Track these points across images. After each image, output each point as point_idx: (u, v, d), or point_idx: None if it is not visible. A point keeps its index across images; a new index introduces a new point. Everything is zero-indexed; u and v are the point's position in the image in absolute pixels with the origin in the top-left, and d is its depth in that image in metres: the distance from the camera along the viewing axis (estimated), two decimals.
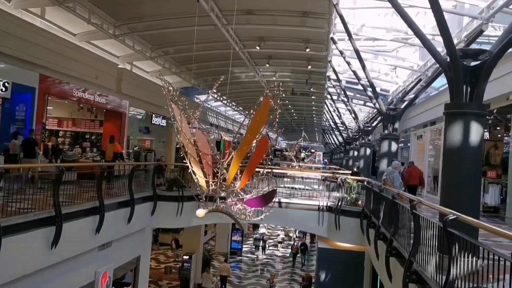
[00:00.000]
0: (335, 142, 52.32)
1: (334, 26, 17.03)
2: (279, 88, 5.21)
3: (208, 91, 9.16)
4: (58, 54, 14.71)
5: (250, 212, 5.99)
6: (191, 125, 5.73)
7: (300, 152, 43.50)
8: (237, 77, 26.66)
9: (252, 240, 35.03)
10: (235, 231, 31.25)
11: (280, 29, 17.69)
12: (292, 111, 44.23)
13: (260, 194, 5.86)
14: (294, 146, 30.98)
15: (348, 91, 26.22)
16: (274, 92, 5.23)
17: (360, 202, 14.79)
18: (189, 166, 5.60)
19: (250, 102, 36.63)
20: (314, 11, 15.40)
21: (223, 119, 42.02)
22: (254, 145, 5.32)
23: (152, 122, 25.77)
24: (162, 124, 26.56)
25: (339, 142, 47.04)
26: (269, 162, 6.37)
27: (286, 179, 18.89)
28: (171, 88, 5.39)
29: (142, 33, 18.14)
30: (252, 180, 6.45)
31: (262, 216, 6.37)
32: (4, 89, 12.73)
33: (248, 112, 5.49)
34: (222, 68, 24.43)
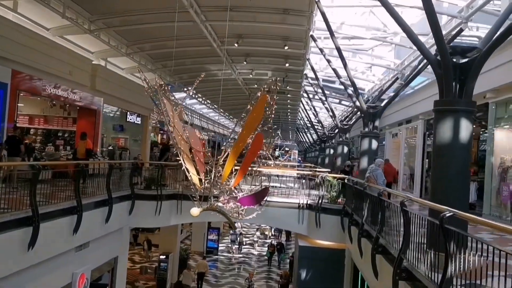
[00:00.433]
0: (309, 141, 52.60)
1: (313, 23, 17.01)
2: (276, 83, 5.09)
3: (188, 88, 8.96)
4: (31, 49, 14.17)
5: (243, 210, 5.87)
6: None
7: (275, 150, 43.62)
8: (213, 74, 26.38)
9: (228, 239, 34.91)
10: (211, 230, 31.05)
11: (259, 26, 17.56)
12: (267, 109, 44.13)
13: (252, 192, 5.74)
14: (270, 144, 30.88)
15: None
16: (272, 87, 5.10)
17: (340, 200, 14.85)
18: (182, 163, 5.43)
19: (226, 100, 36.47)
20: (295, 8, 15.31)
21: (198, 117, 41.66)
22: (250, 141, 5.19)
23: (126, 120, 25.27)
24: (137, 122, 26.09)
25: (314, 140, 47.28)
26: (263, 160, 6.25)
27: (263, 178, 18.76)
28: (162, 82, 5.19)
29: (118, 28, 17.69)
30: (245, 178, 6.32)
31: (254, 215, 6.26)
32: None
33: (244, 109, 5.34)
34: (198, 65, 24.16)
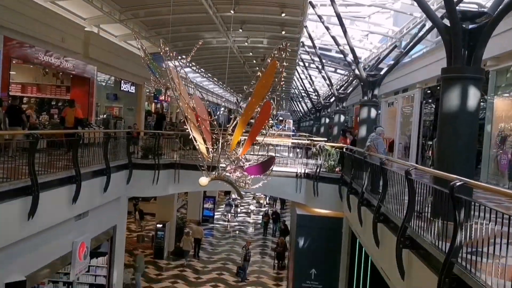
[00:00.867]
0: (303, 110, 52.37)
1: None
2: (286, 49, 4.92)
3: (183, 57, 8.73)
4: (23, 15, 13.79)
5: (250, 179, 5.79)
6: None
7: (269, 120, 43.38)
8: (208, 42, 25.94)
9: (223, 207, 35.19)
10: (207, 198, 31.20)
11: None
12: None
13: (259, 161, 5.65)
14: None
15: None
16: (282, 53, 4.93)
17: (338, 169, 14.86)
18: (189, 132, 5.31)
19: (220, 68, 36.00)
20: None
21: (192, 87, 41.14)
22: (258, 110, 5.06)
23: (120, 89, 24.94)
24: (131, 90, 25.78)
25: (308, 109, 47.07)
26: (270, 128, 6.13)
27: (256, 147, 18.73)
28: (167, 48, 5.01)
29: None
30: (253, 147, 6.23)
31: (260, 184, 6.20)
32: None
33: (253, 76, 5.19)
34: (193, 33, 23.71)
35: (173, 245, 23.24)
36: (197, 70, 36.51)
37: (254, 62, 30.91)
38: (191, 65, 32.62)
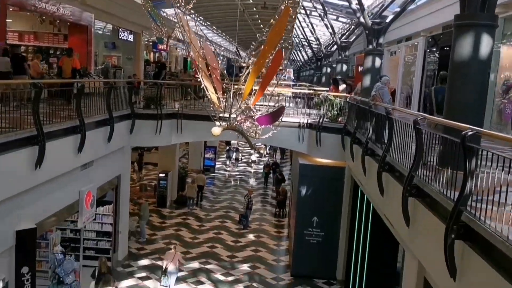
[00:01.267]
0: (303, 59, 51.65)
1: None
2: None
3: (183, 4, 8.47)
4: None
5: (260, 129, 5.78)
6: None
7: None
8: None
9: (224, 157, 35.51)
10: (208, 148, 31.36)
11: None
12: (262, 26, 42.89)
13: (269, 111, 5.61)
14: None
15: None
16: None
17: (341, 119, 14.85)
18: (201, 81, 5.23)
19: (218, 17, 35.18)
20: None
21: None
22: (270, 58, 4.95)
23: (119, 37, 24.44)
24: (129, 39, 25.26)
25: (309, 58, 46.42)
26: (281, 77, 6.04)
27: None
28: None
29: None
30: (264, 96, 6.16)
31: (270, 134, 6.19)
32: None
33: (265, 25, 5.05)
34: None
35: (175, 194, 23.57)
36: (195, 18, 35.69)
37: (254, 9, 30.16)
38: (189, 13, 31.84)
